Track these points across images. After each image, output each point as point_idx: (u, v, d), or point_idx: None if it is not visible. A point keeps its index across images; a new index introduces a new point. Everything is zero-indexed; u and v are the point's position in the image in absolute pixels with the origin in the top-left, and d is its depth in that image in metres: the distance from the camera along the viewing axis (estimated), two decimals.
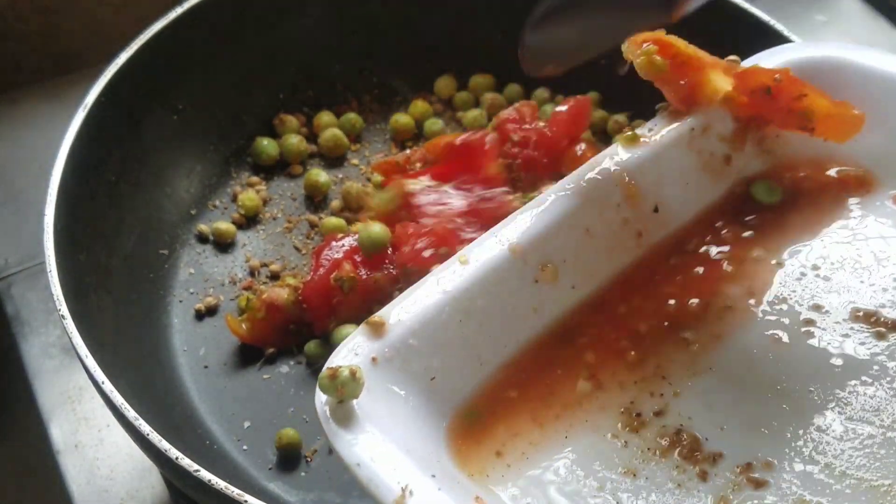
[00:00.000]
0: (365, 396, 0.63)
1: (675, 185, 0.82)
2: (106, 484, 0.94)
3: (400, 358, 0.67)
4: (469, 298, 0.71)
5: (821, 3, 1.45)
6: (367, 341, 0.67)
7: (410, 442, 0.63)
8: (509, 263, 0.73)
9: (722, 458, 0.68)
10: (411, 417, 0.65)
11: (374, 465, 0.59)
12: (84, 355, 0.78)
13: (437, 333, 0.69)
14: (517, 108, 1.09)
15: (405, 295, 0.70)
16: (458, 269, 0.72)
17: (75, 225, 0.89)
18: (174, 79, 1.05)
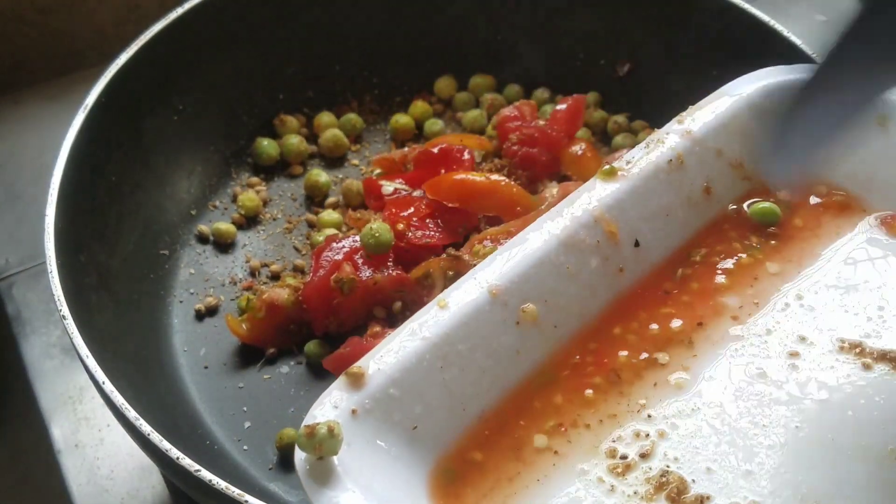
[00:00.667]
0: (345, 451, 0.62)
1: (655, 219, 0.82)
2: (106, 483, 0.94)
3: (381, 409, 0.66)
4: (449, 344, 0.70)
5: (821, 4, 1.45)
6: (347, 393, 0.66)
7: (392, 495, 0.62)
8: (489, 306, 0.73)
9: (709, 500, 0.67)
10: (394, 469, 0.65)
11: None
12: (85, 355, 0.78)
13: (418, 381, 0.68)
14: (517, 106, 1.09)
15: (384, 343, 0.69)
16: (437, 313, 0.71)
17: (76, 225, 0.89)
18: (174, 79, 1.05)
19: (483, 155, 1.08)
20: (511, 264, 0.75)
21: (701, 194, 0.84)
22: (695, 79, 1.11)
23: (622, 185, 0.80)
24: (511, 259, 0.75)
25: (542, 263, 0.76)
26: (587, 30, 1.17)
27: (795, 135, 0.75)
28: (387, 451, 0.65)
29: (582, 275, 0.78)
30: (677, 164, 0.82)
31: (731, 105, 0.86)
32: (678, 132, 0.84)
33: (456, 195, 0.99)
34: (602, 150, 1.14)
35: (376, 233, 0.94)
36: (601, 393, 0.74)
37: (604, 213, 0.79)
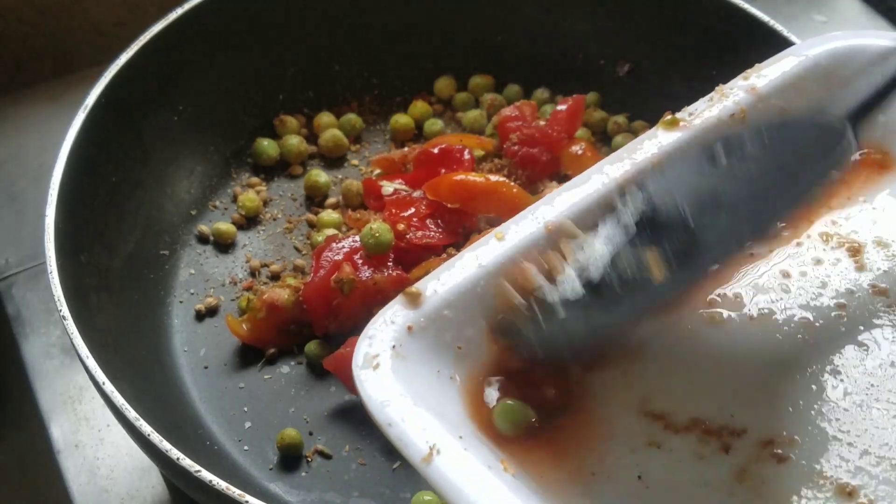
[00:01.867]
0: (399, 362, 0.64)
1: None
2: (106, 483, 0.94)
3: (434, 328, 0.68)
4: (504, 273, 0.72)
5: (820, 4, 1.45)
6: (404, 310, 0.68)
7: (440, 407, 0.64)
8: (544, 241, 0.74)
9: (745, 433, 0.68)
10: (442, 384, 0.67)
11: (403, 426, 0.60)
12: (85, 356, 0.78)
13: (471, 306, 0.70)
14: (518, 106, 1.09)
15: (443, 268, 0.71)
16: (494, 244, 0.73)
17: (76, 226, 0.89)
18: (174, 79, 1.05)
19: (483, 155, 1.08)
20: (569, 203, 0.76)
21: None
22: (695, 79, 1.11)
23: (683, 134, 0.81)
24: (569, 197, 0.76)
25: (598, 205, 0.76)
26: (587, 30, 1.17)
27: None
28: (436, 367, 0.67)
29: None
30: (739, 118, 0.82)
31: (797, 64, 0.85)
32: (743, 87, 0.84)
33: (456, 196, 0.99)
34: (602, 150, 1.14)
35: (376, 233, 0.94)
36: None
37: (663, 160, 0.79)
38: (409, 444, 0.60)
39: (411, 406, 0.62)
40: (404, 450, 0.60)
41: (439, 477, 0.59)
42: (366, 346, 0.65)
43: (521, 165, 1.05)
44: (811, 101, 0.82)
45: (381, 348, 0.65)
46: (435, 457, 0.59)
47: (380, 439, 0.90)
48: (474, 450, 0.61)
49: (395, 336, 0.66)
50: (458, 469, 0.59)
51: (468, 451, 0.61)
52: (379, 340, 0.66)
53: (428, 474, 0.59)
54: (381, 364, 0.64)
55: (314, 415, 0.92)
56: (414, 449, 0.59)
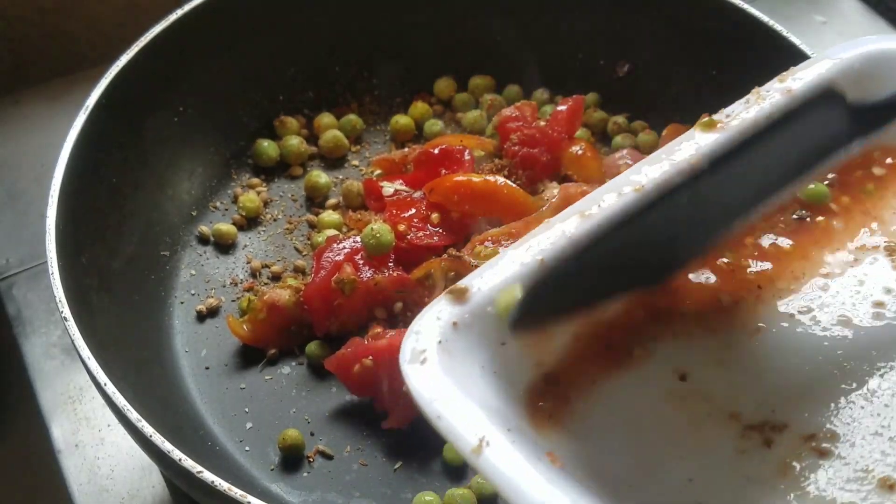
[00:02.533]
0: (446, 357, 0.65)
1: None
2: (106, 483, 0.94)
3: (479, 324, 0.69)
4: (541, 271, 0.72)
5: (820, 4, 1.45)
6: (449, 306, 0.69)
7: (486, 401, 0.65)
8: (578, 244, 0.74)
9: (787, 427, 0.69)
10: (487, 379, 0.67)
11: (453, 419, 0.61)
12: (86, 357, 0.78)
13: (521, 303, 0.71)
14: (518, 107, 1.09)
15: (486, 266, 0.72)
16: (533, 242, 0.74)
17: (77, 226, 0.89)
18: (175, 80, 1.05)
19: (483, 155, 1.08)
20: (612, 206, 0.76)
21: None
22: (694, 79, 1.12)
23: (720, 136, 0.81)
24: (613, 199, 0.76)
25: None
26: (587, 30, 1.17)
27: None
28: (482, 363, 0.68)
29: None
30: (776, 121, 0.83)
31: (832, 67, 0.85)
32: (779, 90, 0.84)
33: (456, 197, 0.99)
34: (602, 150, 1.14)
35: (377, 233, 0.94)
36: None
37: (701, 161, 0.80)
38: (459, 437, 0.60)
39: (459, 399, 0.63)
40: (455, 442, 0.60)
41: (490, 468, 0.59)
42: (413, 342, 0.66)
43: (522, 166, 1.05)
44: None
45: (428, 343, 0.66)
46: (485, 448, 0.60)
47: (381, 440, 0.90)
48: (521, 443, 0.62)
49: (441, 332, 0.67)
50: (508, 460, 0.60)
51: (516, 445, 0.61)
52: (425, 336, 0.66)
53: (479, 465, 0.59)
54: (427, 359, 0.65)
55: (315, 415, 0.92)
56: (464, 441, 0.60)
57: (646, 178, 0.77)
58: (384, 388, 0.89)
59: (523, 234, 0.95)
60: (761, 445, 0.68)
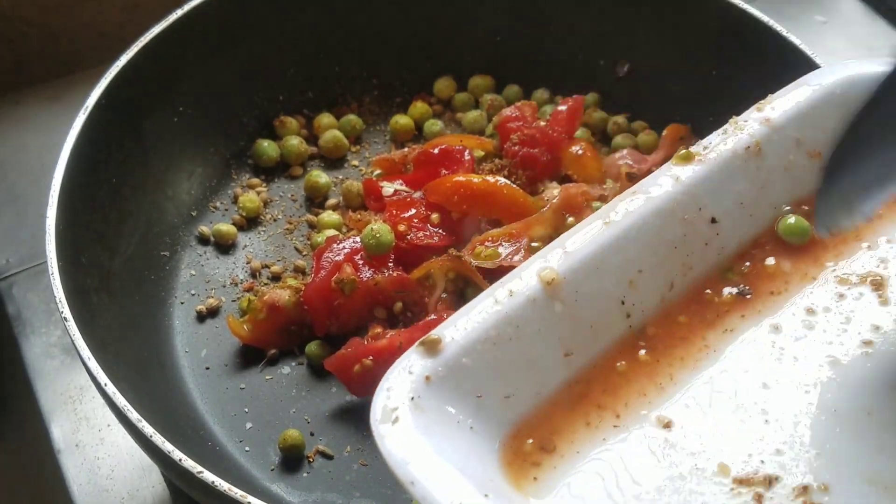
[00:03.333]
0: (419, 415, 0.63)
1: (730, 206, 0.80)
2: (106, 483, 0.94)
3: (453, 377, 0.67)
4: (524, 317, 0.71)
5: (820, 5, 1.45)
6: (421, 359, 0.67)
7: (464, 460, 0.63)
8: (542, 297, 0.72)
9: (778, 480, 0.67)
10: (464, 436, 0.65)
11: (427, 484, 0.59)
12: (86, 357, 0.78)
13: (492, 352, 0.69)
14: (518, 107, 1.09)
15: (459, 314, 0.70)
16: (511, 285, 0.72)
17: (77, 227, 0.89)
18: (175, 81, 1.05)
19: (483, 155, 1.08)
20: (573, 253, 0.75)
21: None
22: (694, 79, 1.12)
23: (698, 169, 0.80)
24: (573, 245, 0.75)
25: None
26: (587, 30, 1.17)
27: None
28: (457, 419, 0.66)
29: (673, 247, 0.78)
30: (755, 151, 0.82)
31: (811, 94, 0.84)
32: (757, 119, 0.83)
33: (455, 198, 0.99)
34: (602, 150, 1.14)
35: (377, 233, 0.94)
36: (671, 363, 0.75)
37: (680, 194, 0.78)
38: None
39: (434, 463, 0.60)
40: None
41: None
42: (384, 399, 0.63)
43: (522, 166, 1.05)
44: (827, 132, 0.79)
45: (400, 401, 0.63)
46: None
47: None
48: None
49: (414, 387, 0.65)
50: None
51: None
52: (397, 392, 0.64)
53: None
54: (400, 418, 0.63)
55: (315, 415, 0.92)
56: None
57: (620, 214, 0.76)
58: None
59: (524, 235, 0.96)
60: (752, 502, 0.66)
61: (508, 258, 0.93)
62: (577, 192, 0.99)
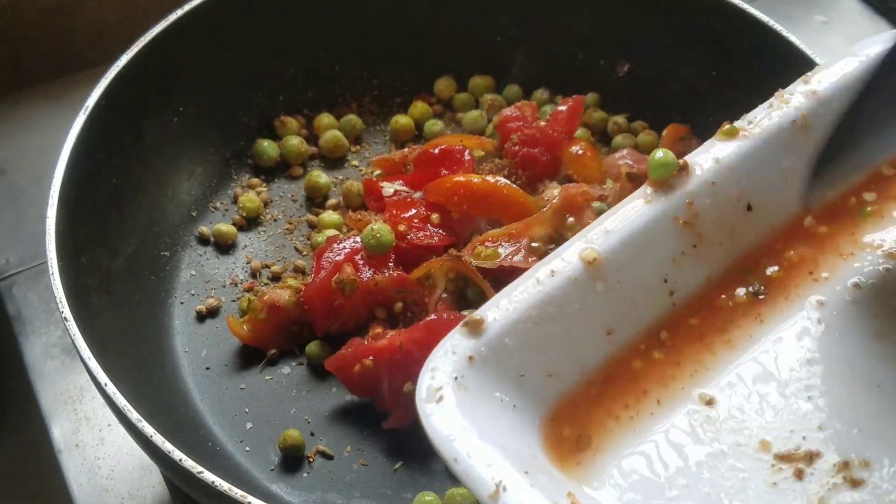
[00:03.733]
0: (462, 395, 0.65)
1: (774, 182, 0.80)
2: (107, 483, 0.95)
3: (495, 356, 0.68)
4: (565, 297, 0.72)
5: (820, 4, 1.45)
6: (465, 339, 0.68)
7: (505, 439, 0.64)
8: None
9: (819, 456, 0.68)
10: (507, 415, 0.67)
11: (470, 461, 0.61)
12: (87, 357, 0.78)
13: (533, 332, 0.70)
14: (518, 107, 1.09)
15: (501, 294, 0.71)
16: (552, 265, 0.73)
17: (77, 227, 0.89)
18: (175, 81, 1.05)
19: (483, 155, 1.08)
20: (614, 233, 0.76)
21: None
22: (694, 79, 1.12)
23: (742, 144, 0.79)
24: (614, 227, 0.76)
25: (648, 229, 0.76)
26: (587, 30, 1.17)
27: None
28: (500, 398, 0.67)
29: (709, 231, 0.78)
30: (801, 126, 0.81)
31: (858, 66, 0.82)
32: (803, 92, 0.82)
33: (455, 199, 0.99)
34: (602, 150, 1.14)
35: (377, 233, 0.94)
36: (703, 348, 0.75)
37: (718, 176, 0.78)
38: (476, 481, 0.60)
39: (477, 441, 0.62)
40: (471, 486, 0.60)
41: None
42: (428, 379, 0.65)
43: (522, 166, 1.05)
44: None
45: (444, 380, 0.65)
46: (501, 494, 0.59)
47: (381, 440, 0.90)
48: (541, 486, 0.61)
49: (457, 367, 0.66)
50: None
51: (534, 488, 0.60)
52: (441, 372, 0.65)
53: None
54: (444, 397, 0.64)
55: (315, 415, 0.92)
56: (481, 486, 0.60)
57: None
58: (384, 388, 0.89)
59: (524, 235, 0.96)
60: (793, 477, 0.67)
61: (508, 258, 0.93)
62: (577, 192, 0.99)
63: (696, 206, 0.77)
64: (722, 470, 0.68)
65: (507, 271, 0.91)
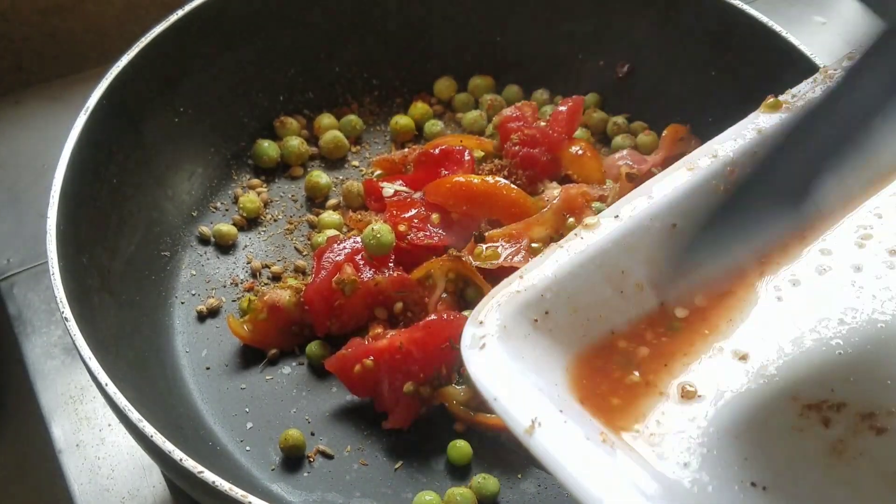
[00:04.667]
0: (503, 342, 0.69)
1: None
2: (107, 483, 0.95)
3: (536, 308, 0.72)
4: (606, 254, 0.75)
5: (819, 5, 1.45)
6: (510, 293, 0.73)
7: (542, 382, 0.68)
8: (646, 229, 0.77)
9: (846, 406, 0.70)
10: (545, 361, 0.71)
11: (508, 400, 0.64)
12: (87, 357, 0.78)
13: (573, 286, 0.74)
14: (518, 107, 1.10)
15: (546, 252, 0.75)
16: (601, 226, 0.76)
17: (77, 227, 0.89)
18: (175, 81, 1.05)
19: (483, 156, 1.08)
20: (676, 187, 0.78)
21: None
22: (694, 79, 1.12)
23: (785, 117, 0.81)
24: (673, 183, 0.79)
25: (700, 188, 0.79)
26: (587, 30, 1.17)
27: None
28: (539, 346, 0.71)
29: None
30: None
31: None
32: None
33: (456, 199, 0.99)
34: (602, 150, 1.14)
35: (378, 234, 0.94)
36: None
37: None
38: (513, 418, 0.63)
39: (515, 382, 0.66)
40: (509, 422, 0.63)
41: (540, 448, 0.62)
42: (473, 327, 0.69)
43: (522, 166, 1.05)
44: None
45: (488, 330, 0.69)
46: (536, 429, 0.62)
47: (381, 440, 0.90)
48: (574, 423, 0.64)
49: (501, 317, 0.70)
50: (557, 440, 0.62)
51: (568, 424, 0.64)
52: (486, 322, 0.70)
53: (530, 445, 0.62)
54: (487, 344, 0.68)
55: (316, 415, 0.92)
56: (517, 422, 0.63)
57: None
58: (385, 388, 0.90)
59: (524, 236, 0.96)
60: (819, 424, 0.69)
61: (508, 259, 0.94)
62: (578, 192, 0.99)
63: (738, 175, 0.79)
64: (750, 419, 0.70)
65: (507, 271, 0.92)
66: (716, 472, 0.67)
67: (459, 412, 0.90)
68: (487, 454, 0.89)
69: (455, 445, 0.88)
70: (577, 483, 0.60)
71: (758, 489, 0.66)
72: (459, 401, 0.90)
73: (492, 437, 0.90)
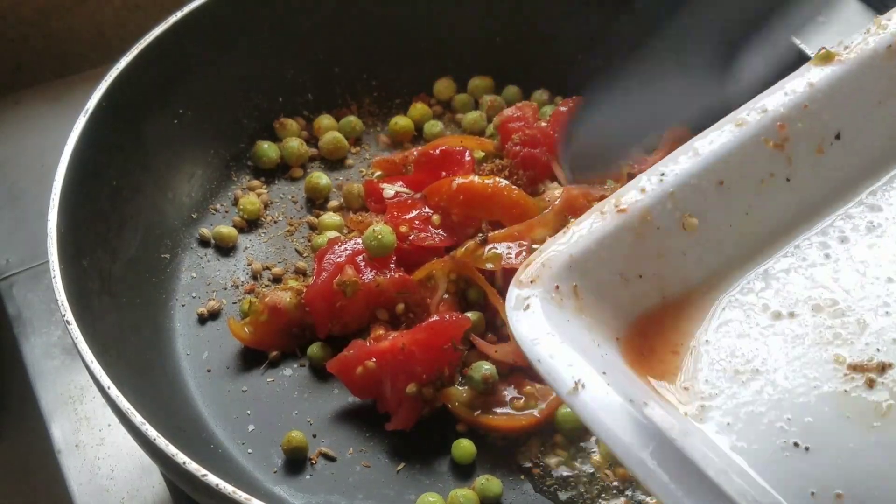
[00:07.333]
0: (547, 304, 0.68)
1: (866, 108, 0.80)
2: (107, 483, 0.95)
3: (583, 269, 0.72)
4: (655, 214, 0.74)
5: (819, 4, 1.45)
6: (555, 252, 0.72)
7: (587, 346, 0.68)
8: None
9: (892, 367, 0.69)
10: (590, 324, 0.70)
11: (552, 362, 0.64)
12: (89, 360, 0.79)
13: (621, 247, 0.73)
14: (519, 107, 1.09)
15: (584, 217, 0.74)
16: (635, 193, 0.75)
17: (78, 230, 0.90)
18: (175, 83, 1.05)
19: (483, 156, 1.08)
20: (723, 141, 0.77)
21: None
22: None
23: (836, 69, 0.79)
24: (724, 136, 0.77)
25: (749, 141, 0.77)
26: (587, 30, 1.17)
27: None
28: (582, 309, 0.71)
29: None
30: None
31: None
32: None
33: (456, 201, 0.99)
34: None
35: (379, 235, 0.94)
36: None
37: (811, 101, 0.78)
38: (557, 379, 0.63)
39: (559, 344, 0.66)
40: (552, 383, 0.64)
41: (582, 408, 0.62)
42: (518, 290, 0.69)
43: (523, 166, 1.05)
44: None
45: (533, 291, 0.69)
46: (580, 390, 0.62)
47: (384, 441, 0.91)
48: (617, 384, 0.64)
49: (546, 278, 0.70)
50: (599, 402, 0.62)
51: (610, 386, 0.63)
52: (532, 283, 0.69)
53: (573, 405, 0.62)
54: (531, 305, 0.68)
55: (318, 417, 0.92)
56: (561, 383, 0.63)
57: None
58: (387, 389, 0.90)
59: (526, 237, 0.96)
60: (863, 385, 0.69)
61: (511, 260, 0.94)
62: (579, 193, 0.99)
63: (788, 131, 0.78)
64: (797, 379, 0.70)
65: (508, 273, 0.92)
66: (759, 432, 0.67)
67: (462, 413, 0.90)
68: (490, 456, 0.90)
69: (459, 444, 0.89)
70: (620, 442, 0.61)
71: (800, 449, 0.66)
72: (462, 402, 0.90)
73: (494, 439, 0.90)
